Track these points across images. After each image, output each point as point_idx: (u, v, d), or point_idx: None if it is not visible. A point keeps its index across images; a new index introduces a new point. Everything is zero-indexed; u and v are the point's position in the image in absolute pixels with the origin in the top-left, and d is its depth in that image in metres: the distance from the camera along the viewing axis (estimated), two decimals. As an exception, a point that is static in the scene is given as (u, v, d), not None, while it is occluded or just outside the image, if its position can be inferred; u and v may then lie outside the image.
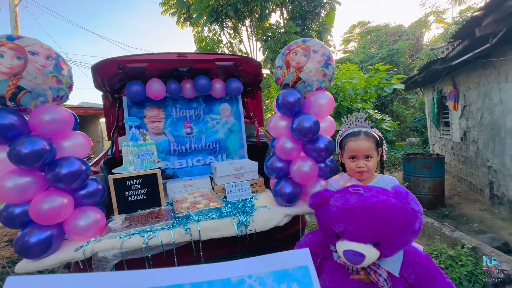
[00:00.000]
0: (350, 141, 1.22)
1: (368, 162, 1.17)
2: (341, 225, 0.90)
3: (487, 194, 3.93)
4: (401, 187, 0.99)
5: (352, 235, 0.88)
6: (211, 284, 0.53)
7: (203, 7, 7.67)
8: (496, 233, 2.97)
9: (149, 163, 1.77)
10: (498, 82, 3.48)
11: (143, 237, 1.32)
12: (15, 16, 8.38)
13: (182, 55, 1.84)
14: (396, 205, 0.88)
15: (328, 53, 1.57)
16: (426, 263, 0.96)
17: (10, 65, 1.19)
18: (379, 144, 1.24)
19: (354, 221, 0.88)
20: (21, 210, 1.22)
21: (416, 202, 0.92)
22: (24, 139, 1.16)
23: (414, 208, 0.89)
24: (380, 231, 0.86)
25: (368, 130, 1.25)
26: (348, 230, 0.89)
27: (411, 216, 0.87)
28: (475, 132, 4.23)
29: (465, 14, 11.41)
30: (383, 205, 0.87)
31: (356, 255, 0.86)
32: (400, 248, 0.91)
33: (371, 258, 0.88)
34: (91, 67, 1.79)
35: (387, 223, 0.85)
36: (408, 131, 10.71)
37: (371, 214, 0.87)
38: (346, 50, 18.70)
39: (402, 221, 0.86)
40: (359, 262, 0.86)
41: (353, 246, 0.87)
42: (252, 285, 0.54)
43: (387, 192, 0.95)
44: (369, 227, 0.86)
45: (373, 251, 0.87)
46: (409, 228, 0.87)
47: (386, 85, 4.03)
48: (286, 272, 0.57)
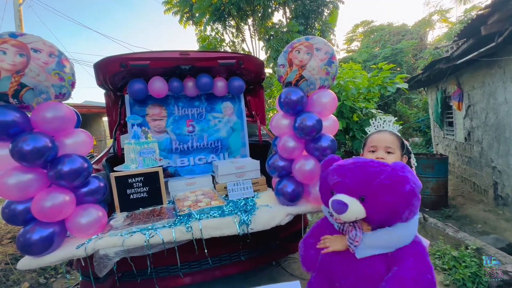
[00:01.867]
0: (373, 135, 1.20)
1: (388, 156, 1.11)
2: (335, 177, 0.98)
3: (491, 195, 3.89)
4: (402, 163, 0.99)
5: (341, 187, 0.95)
6: None
7: (206, 6, 7.66)
8: (500, 235, 2.94)
9: (151, 161, 1.77)
10: (504, 82, 3.44)
11: (145, 235, 1.32)
12: (19, 15, 8.44)
13: (185, 53, 1.84)
14: (388, 167, 0.93)
15: (331, 51, 1.55)
16: (407, 248, 0.94)
17: (13, 62, 1.19)
18: (404, 147, 1.17)
19: (346, 174, 0.95)
20: (23, 207, 1.22)
21: (413, 175, 0.95)
22: (27, 136, 1.16)
23: (407, 175, 0.91)
24: (365, 184, 0.91)
25: (395, 131, 1.22)
26: (339, 182, 0.96)
27: (401, 178, 0.89)
28: (480, 132, 4.18)
29: (470, 13, 11.28)
30: (376, 164, 0.95)
31: (339, 203, 0.91)
32: (386, 211, 0.90)
33: (354, 211, 0.91)
34: (94, 65, 1.79)
35: (373, 178, 0.91)
36: (411, 131, 10.63)
37: (361, 169, 0.94)
38: (349, 49, 18.61)
39: (390, 179, 0.89)
40: (342, 211, 0.91)
41: (339, 197, 0.93)
42: None
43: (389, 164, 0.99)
44: (357, 179, 0.92)
45: (357, 204, 0.91)
46: (396, 188, 0.88)
47: (389, 84, 3.99)
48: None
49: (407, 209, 0.89)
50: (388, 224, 0.93)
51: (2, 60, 1.17)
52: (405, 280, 0.84)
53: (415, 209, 0.91)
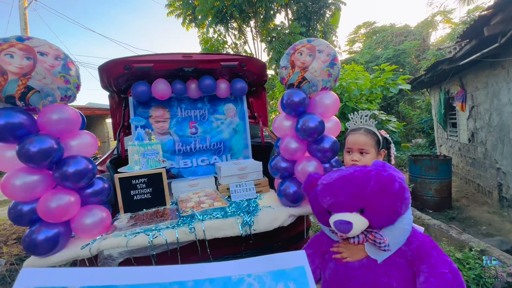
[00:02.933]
0: (349, 135, 1.24)
1: (362, 157, 1.16)
2: (328, 198, 0.97)
3: (496, 197, 3.85)
4: (380, 161, 1.01)
5: (338, 207, 0.94)
6: (212, 282, 0.56)
7: (208, 8, 7.71)
8: (505, 236, 2.91)
9: (154, 162, 1.79)
10: (507, 82, 3.42)
11: (148, 235, 1.33)
12: (24, 18, 8.56)
13: (188, 55, 1.86)
14: (371, 171, 0.94)
15: (333, 52, 1.56)
16: (423, 242, 0.95)
17: (20, 65, 1.21)
18: (379, 144, 1.21)
19: (337, 192, 0.94)
20: (29, 208, 1.24)
21: (394, 169, 0.96)
22: (33, 138, 1.18)
23: (391, 172, 0.92)
24: (360, 196, 0.91)
25: (371, 128, 1.25)
26: (334, 202, 0.95)
27: (387, 179, 0.91)
28: (483, 133, 4.15)
29: (473, 13, 11.24)
30: (359, 172, 0.95)
31: (343, 223, 0.91)
32: (387, 214, 0.91)
33: (359, 226, 0.91)
34: (98, 68, 1.81)
35: (364, 187, 0.91)
36: (414, 132, 10.58)
37: (350, 182, 0.93)
38: (352, 50, 18.57)
39: (379, 183, 0.90)
40: (348, 230, 0.91)
41: (340, 216, 0.92)
42: (251, 283, 0.57)
43: (367, 166, 1.00)
44: (350, 195, 0.92)
45: (359, 218, 0.91)
46: (388, 190, 0.90)
47: (392, 85, 3.99)
48: (283, 272, 0.60)
49: (403, 204, 0.92)
50: (391, 223, 0.94)
51: (9, 63, 1.19)
52: (444, 275, 0.87)
53: (408, 200, 0.93)
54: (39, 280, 0.52)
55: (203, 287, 0.55)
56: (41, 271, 0.54)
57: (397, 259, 0.95)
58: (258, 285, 0.57)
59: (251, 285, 0.56)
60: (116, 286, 0.53)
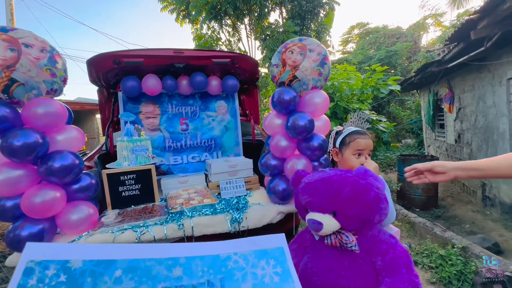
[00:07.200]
0: (359, 138, 1.24)
1: (368, 159, 1.22)
2: (306, 197, 0.99)
3: (480, 196, 3.99)
4: (363, 168, 1.02)
5: (313, 206, 0.97)
6: (203, 259, 0.63)
7: (202, 4, 7.63)
8: (487, 234, 3.02)
9: (143, 158, 1.77)
10: (492, 85, 3.52)
11: (136, 232, 1.32)
12: (11, 8, 8.26)
13: (179, 51, 1.84)
14: (350, 178, 0.95)
15: (324, 52, 1.57)
16: (398, 257, 0.95)
17: (3, 57, 1.18)
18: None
19: (314, 193, 0.97)
20: (12, 203, 1.21)
21: (376, 178, 0.98)
22: (17, 131, 1.15)
23: (369, 181, 0.94)
24: (333, 200, 0.93)
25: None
26: (310, 201, 0.98)
27: (363, 188, 0.92)
28: (469, 135, 4.28)
29: (463, 17, 11.49)
30: (338, 177, 0.96)
31: (314, 223, 0.94)
32: (357, 221, 0.92)
33: (330, 227, 0.93)
34: (87, 61, 1.77)
35: (338, 192, 0.93)
36: (404, 133, 10.78)
37: (327, 185, 0.96)
38: (345, 51, 18.76)
39: (353, 191, 0.91)
40: (319, 229, 0.94)
41: (313, 216, 0.95)
42: (237, 260, 0.64)
43: (350, 171, 1.01)
44: (325, 197, 0.94)
45: (331, 220, 0.93)
46: (360, 199, 0.91)
47: (382, 86, 4.06)
48: (265, 251, 0.68)
49: (376, 214, 0.92)
50: (363, 229, 0.96)
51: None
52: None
53: (385, 210, 0.94)
54: (43, 254, 0.57)
55: (194, 263, 0.62)
56: (45, 245, 0.59)
57: (364, 266, 0.95)
58: (243, 262, 0.64)
59: (237, 262, 0.64)
60: (116, 260, 0.58)
